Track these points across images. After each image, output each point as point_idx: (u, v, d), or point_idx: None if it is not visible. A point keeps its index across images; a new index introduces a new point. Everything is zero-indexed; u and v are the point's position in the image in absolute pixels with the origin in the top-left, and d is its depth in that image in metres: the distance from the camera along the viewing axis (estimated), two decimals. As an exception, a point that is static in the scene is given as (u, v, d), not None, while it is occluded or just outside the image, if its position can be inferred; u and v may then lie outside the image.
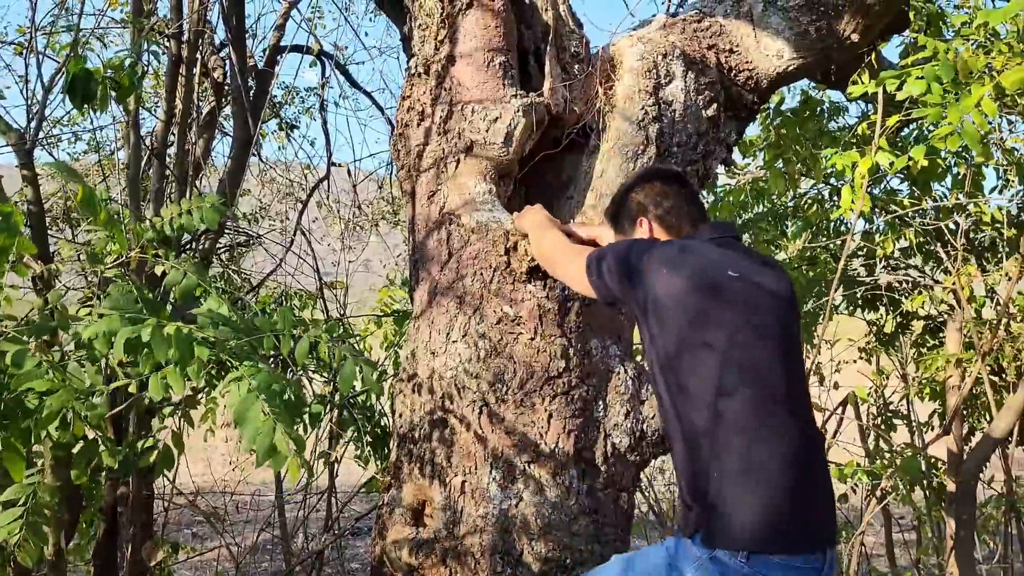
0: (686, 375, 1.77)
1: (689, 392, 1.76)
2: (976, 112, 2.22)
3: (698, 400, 1.74)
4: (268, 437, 1.45)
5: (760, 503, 1.65)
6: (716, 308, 1.78)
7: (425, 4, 2.82)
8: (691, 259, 1.85)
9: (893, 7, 2.98)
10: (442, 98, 2.79)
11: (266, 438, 1.45)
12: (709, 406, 1.72)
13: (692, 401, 1.75)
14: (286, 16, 4.41)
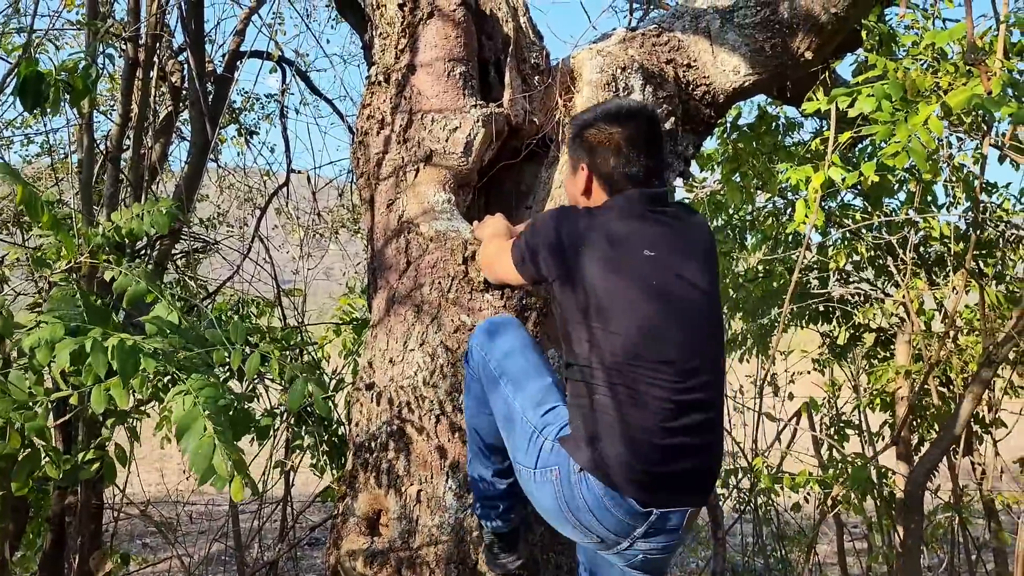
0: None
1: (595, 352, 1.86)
2: (923, 130, 2.28)
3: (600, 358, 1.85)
4: (207, 458, 1.43)
5: (626, 451, 1.80)
6: (624, 287, 1.87)
7: (386, 13, 2.82)
8: (616, 245, 1.90)
9: (846, 27, 3.05)
10: (402, 107, 2.79)
11: (205, 459, 1.43)
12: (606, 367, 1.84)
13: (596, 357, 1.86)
14: (246, 21, 4.37)
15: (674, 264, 1.91)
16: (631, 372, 1.82)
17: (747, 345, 4.69)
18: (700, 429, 1.86)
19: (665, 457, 1.82)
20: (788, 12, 3.03)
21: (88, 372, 1.66)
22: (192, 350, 1.92)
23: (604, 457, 1.82)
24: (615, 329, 1.84)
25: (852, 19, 3.00)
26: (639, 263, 1.89)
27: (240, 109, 5.06)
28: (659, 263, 1.90)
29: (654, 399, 1.82)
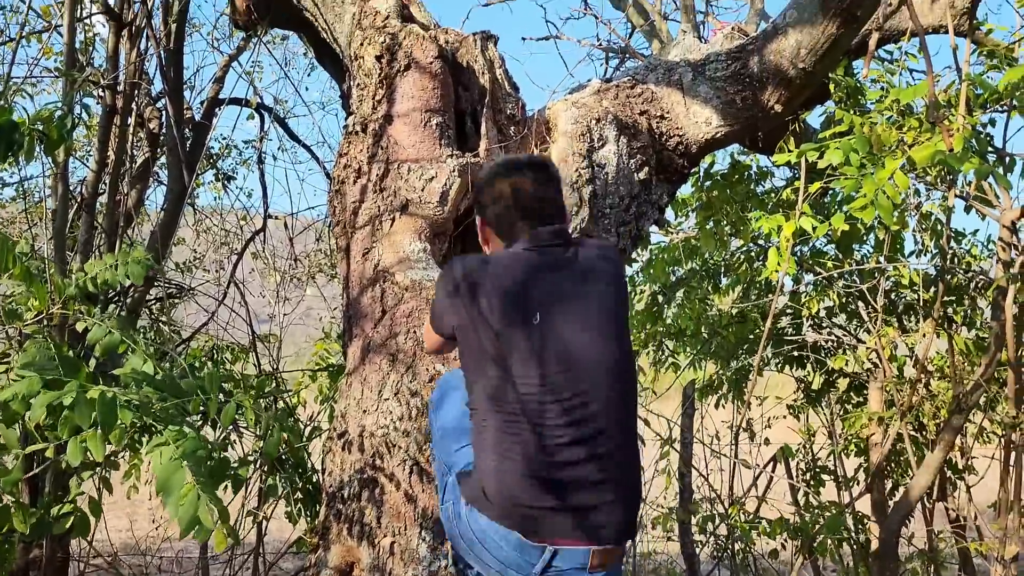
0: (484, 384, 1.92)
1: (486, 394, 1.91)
2: (889, 185, 2.33)
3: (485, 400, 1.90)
4: (192, 508, 1.42)
5: (506, 483, 1.85)
6: (513, 330, 1.89)
7: (364, 65, 2.86)
8: (485, 283, 1.94)
9: (814, 81, 3.13)
10: (379, 156, 2.82)
11: (190, 509, 1.42)
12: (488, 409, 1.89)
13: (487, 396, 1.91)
14: (226, 69, 4.40)
15: (565, 306, 1.93)
16: (515, 409, 1.86)
17: (722, 391, 4.71)
18: (593, 466, 1.85)
19: (549, 491, 1.83)
20: (758, 66, 3.11)
21: (64, 425, 1.64)
22: (167, 400, 1.90)
23: (485, 489, 1.87)
24: (503, 370, 1.88)
25: (820, 74, 3.08)
26: (528, 306, 1.91)
27: (218, 155, 5.07)
28: (549, 305, 1.92)
29: (537, 436, 1.84)
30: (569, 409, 1.86)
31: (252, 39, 4.09)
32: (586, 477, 1.85)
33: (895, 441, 3.99)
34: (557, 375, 1.87)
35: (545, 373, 1.87)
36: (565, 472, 1.84)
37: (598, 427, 1.88)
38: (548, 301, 1.93)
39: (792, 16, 3.00)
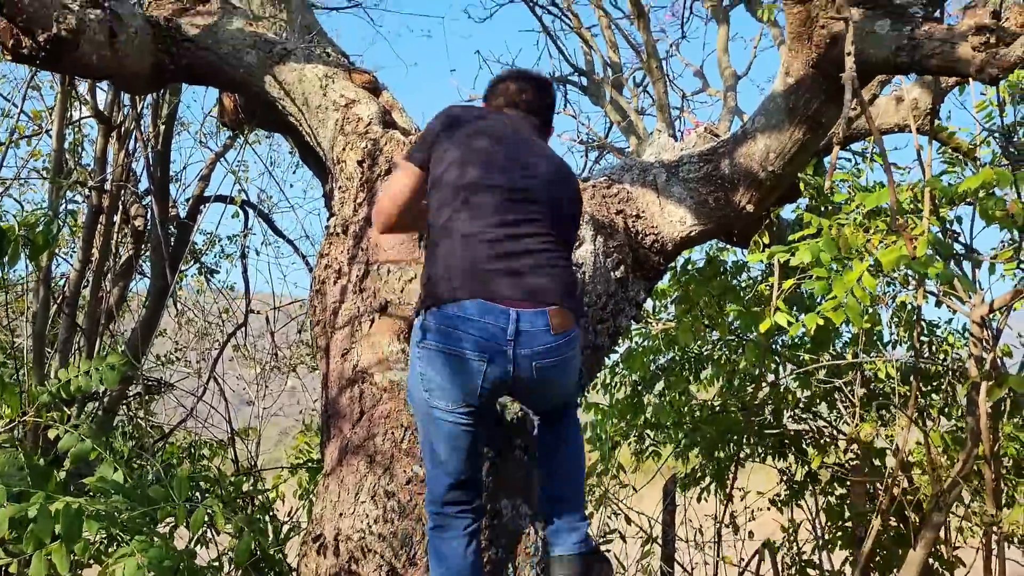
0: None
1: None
2: (857, 287, 2.39)
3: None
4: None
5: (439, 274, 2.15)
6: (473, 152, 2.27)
7: (346, 168, 2.93)
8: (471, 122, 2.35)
9: (783, 182, 3.23)
10: (359, 257, 2.86)
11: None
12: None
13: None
14: (212, 167, 4.50)
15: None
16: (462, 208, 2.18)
17: (705, 483, 4.68)
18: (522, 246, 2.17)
19: (489, 259, 2.12)
20: (729, 168, 3.21)
21: (29, 540, 1.62)
22: (136, 508, 1.89)
23: (449, 275, 2.12)
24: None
25: (789, 175, 3.18)
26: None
27: (202, 250, 5.13)
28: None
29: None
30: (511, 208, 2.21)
31: (239, 138, 4.20)
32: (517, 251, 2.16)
33: (879, 533, 3.96)
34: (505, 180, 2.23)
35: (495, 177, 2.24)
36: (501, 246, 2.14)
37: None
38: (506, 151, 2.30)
39: (760, 121, 3.11)
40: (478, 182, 2.22)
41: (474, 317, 2.08)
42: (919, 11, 2.65)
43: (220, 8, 3.27)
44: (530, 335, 2.10)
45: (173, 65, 3.10)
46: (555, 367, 2.17)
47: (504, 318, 2.08)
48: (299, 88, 3.12)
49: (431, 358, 2.13)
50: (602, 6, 5.69)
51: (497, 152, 2.28)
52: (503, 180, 2.23)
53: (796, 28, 2.84)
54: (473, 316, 2.08)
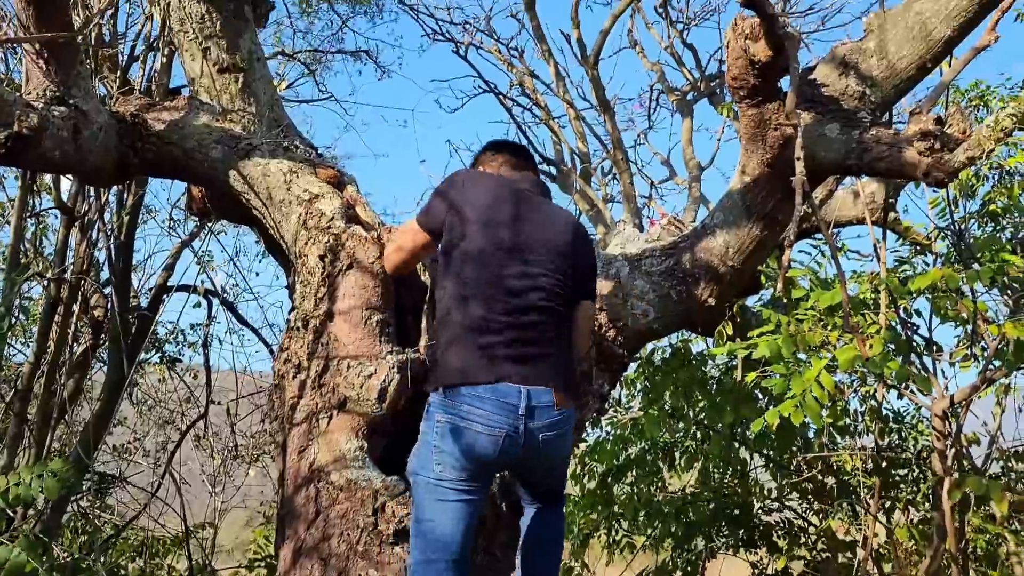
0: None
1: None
2: (815, 386, 2.39)
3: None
4: None
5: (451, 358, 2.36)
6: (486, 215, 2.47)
7: (308, 263, 2.93)
8: (479, 185, 2.56)
9: (743, 276, 3.27)
10: (319, 352, 2.83)
11: None
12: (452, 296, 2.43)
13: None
14: (177, 256, 4.49)
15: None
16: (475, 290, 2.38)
17: None
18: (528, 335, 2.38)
19: (496, 344, 2.33)
20: (690, 263, 3.25)
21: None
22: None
23: (449, 364, 2.35)
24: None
25: (749, 270, 3.22)
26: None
27: (164, 339, 5.07)
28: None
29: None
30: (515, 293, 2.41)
31: (207, 226, 4.20)
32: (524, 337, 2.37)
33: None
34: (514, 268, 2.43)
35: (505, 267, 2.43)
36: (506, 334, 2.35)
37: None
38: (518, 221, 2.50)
39: (719, 217, 3.17)
40: (486, 250, 2.42)
41: (489, 396, 2.28)
42: (867, 116, 2.74)
43: (188, 104, 3.31)
44: (539, 410, 2.32)
45: (138, 159, 3.12)
46: (558, 440, 2.39)
47: (516, 395, 2.29)
48: (263, 182, 3.14)
49: (446, 432, 2.31)
50: (569, 99, 5.84)
51: (505, 219, 2.48)
52: (510, 244, 2.45)
53: (751, 129, 2.92)
54: (488, 396, 2.28)
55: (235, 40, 3.75)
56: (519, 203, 2.54)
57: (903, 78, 2.82)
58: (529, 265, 2.45)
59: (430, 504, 2.33)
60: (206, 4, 3.69)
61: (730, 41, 2.77)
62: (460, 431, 2.29)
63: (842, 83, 2.83)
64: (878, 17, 2.84)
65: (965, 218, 3.69)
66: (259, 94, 3.79)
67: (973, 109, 4.74)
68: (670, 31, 6.18)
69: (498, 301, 2.37)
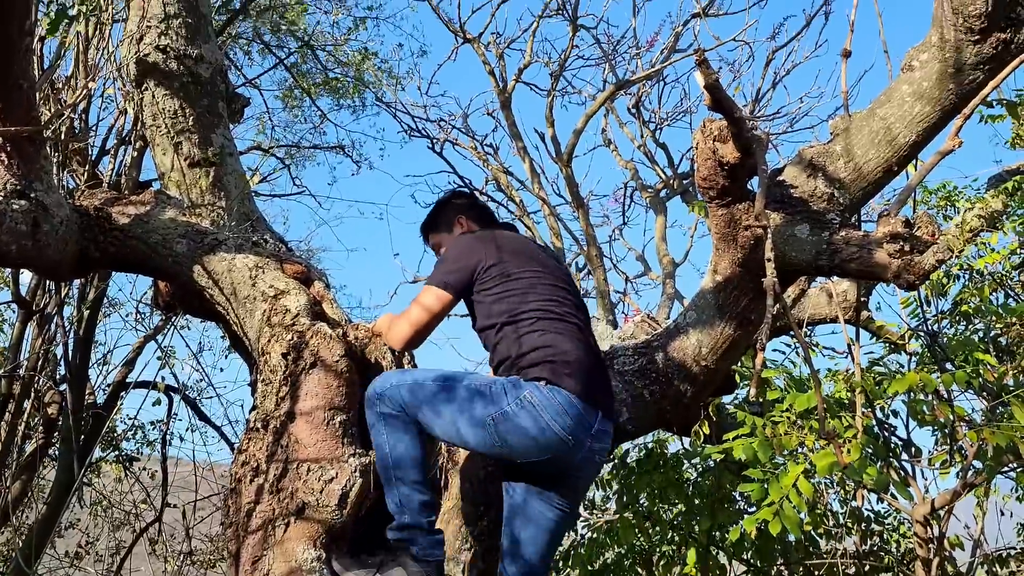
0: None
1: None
2: (793, 492, 2.31)
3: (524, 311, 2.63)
4: None
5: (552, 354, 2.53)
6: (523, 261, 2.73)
7: (270, 360, 2.84)
8: (500, 236, 2.82)
9: (717, 376, 3.21)
10: (278, 455, 2.72)
11: None
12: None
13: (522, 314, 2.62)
14: (138, 351, 4.37)
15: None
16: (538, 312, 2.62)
17: None
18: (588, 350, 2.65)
19: (588, 356, 2.61)
20: (663, 362, 3.19)
21: None
22: None
23: (567, 366, 2.49)
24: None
25: (723, 369, 3.17)
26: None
27: (121, 437, 4.88)
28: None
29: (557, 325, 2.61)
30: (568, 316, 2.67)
31: (171, 320, 4.11)
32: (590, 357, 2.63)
33: None
34: (558, 294, 2.72)
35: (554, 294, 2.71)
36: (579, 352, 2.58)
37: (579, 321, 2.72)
38: (534, 250, 2.86)
39: (692, 316, 3.14)
40: (533, 280, 2.69)
41: (578, 409, 2.45)
42: (836, 217, 2.75)
43: (154, 198, 3.27)
44: (601, 433, 2.53)
45: (99, 253, 3.06)
46: (602, 459, 2.63)
47: (594, 417, 2.49)
48: (228, 278, 3.08)
49: (529, 415, 2.42)
50: (544, 196, 5.90)
51: (529, 255, 2.78)
52: (549, 275, 2.74)
53: (721, 229, 2.92)
54: (578, 408, 2.45)
55: (207, 135, 3.76)
56: (526, 245, 2.87)
57: (870, 181, 2.85)
58: (567, 293, 2.75)
59: (471, 411, 2.46)
60: (179, 99, 3.70)
61: (699, 143, 2.80)
62: (538, 421, 2.41)
63: (811, 184, 2.85)
64: (844, 120, 2.89)
65: (938, 318, 3.69)
66: (230, 188, 3.77)
67: (941, 210, 4.82)
68: (643, 130, 6.31)
69: (569, 313, 2.67)
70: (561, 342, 2.54)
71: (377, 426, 2.59)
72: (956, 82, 2.55)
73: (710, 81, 2.48)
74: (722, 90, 2.52)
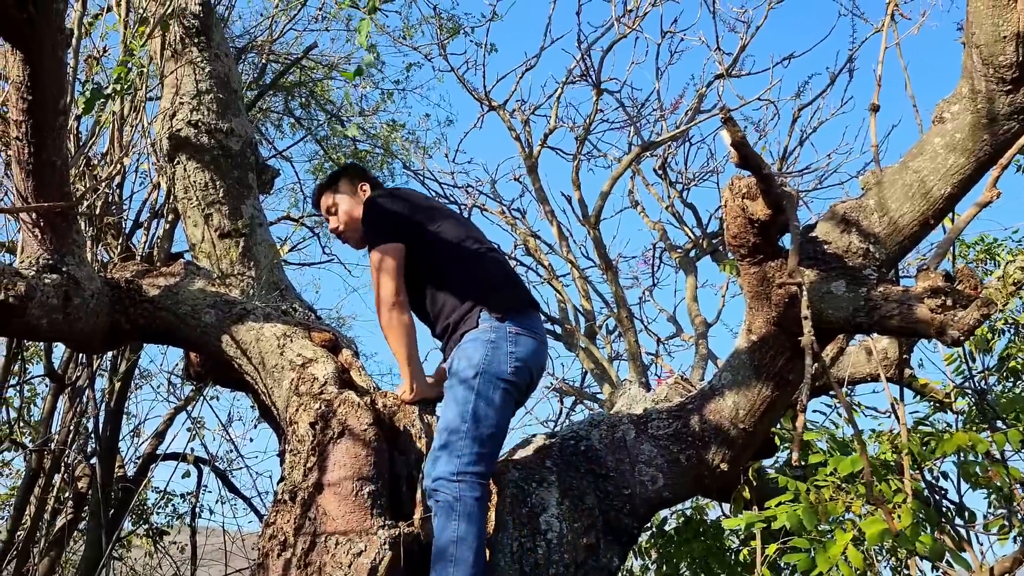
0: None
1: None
2: (842, 562, 2.19)
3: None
4: None
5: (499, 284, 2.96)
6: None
7: (298, 430, 2.80)
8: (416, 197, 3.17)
9: (755, 439, 3.11)
10: (306, 528, 2.65)
11: None
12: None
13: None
14: (169, 423, 4.36)
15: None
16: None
17: None
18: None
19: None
20: (699, 425, 3.10)
21: None
22: None
23: (502, 292, 2.92)
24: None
25: (761, 432, 3.07)
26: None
27: (150, 510, 4.83)
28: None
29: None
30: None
31: (203, 391, 4.11)
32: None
33: None
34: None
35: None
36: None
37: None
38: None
39: (727, 377, 3.05)
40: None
41: (540, 322, 2.96)
42: (872, 273, 2.68)
43: (183, 269, 3.29)
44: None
45: (130, 325, 3.07)
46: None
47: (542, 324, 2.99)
48: (256, 347, 3.06)
49: (518, 340, 2.79)
50: (572, 258, 5.87)
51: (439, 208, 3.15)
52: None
53: (754, 288, 2.86)
54: (539, 321, 2.95)
55: (237, 206, 3.81)
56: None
57: (906, 235, 2.78)
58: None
59: (502, 402, 2.73)
60: (210, 172, 3.77)
61: (727, 201, 2.76)
62: (530, 341, 2.81)
63: (845, 240, 2.79)
64: (875, 174, 2.84)
65: (984, 374, 3.56)
66: (259, 258, 3.80)
67: (980, 263, 4.71)
68: (670, 191, 6.30)
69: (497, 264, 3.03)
70: (495, 267, 3.02)
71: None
72: (990, 132, 2.49)
73: (736, 138, 2.46)
74: (749, 147, 2.49)
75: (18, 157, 2.62)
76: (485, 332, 2.78)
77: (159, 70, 3.87)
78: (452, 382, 2.77)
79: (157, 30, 3.46)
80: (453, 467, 2.60)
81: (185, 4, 3.74)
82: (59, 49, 2.55)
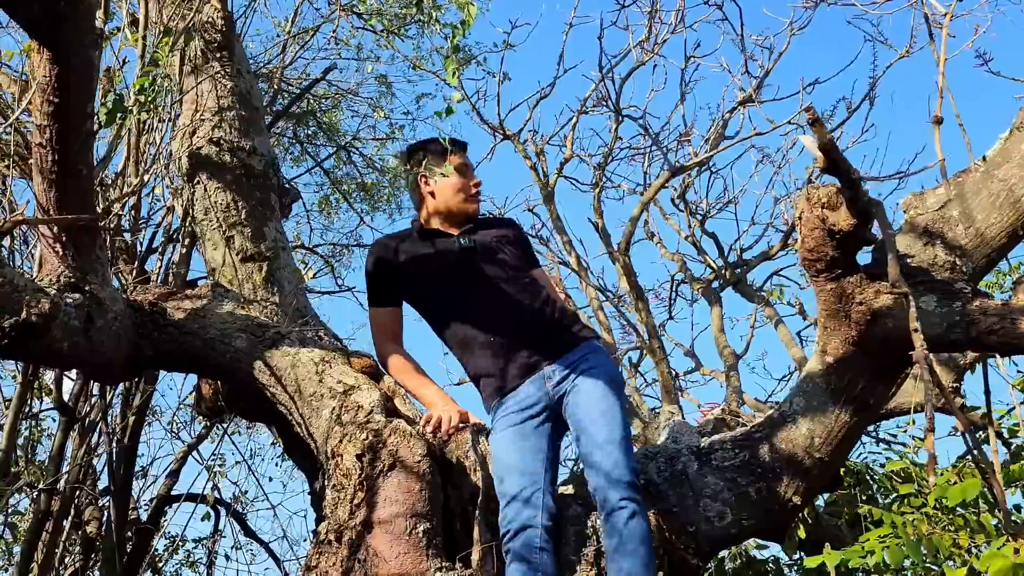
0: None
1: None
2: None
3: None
4: None
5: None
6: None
7: (343, 464, 2.56)
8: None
9: (830, 470, 2.90)
10: (355, 571, 2.40)
11: None
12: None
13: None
14: (182, 461, 4.08)
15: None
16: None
17: None
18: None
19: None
20: (769, 455, 2.89)
21: None
22: None
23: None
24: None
25: (838, 462, 2.86)
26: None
27: (164, 557, 4.50)
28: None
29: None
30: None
31: (216, 427, 3.84)
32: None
33: None
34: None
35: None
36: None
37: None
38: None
39: (800, 403, 2.85)
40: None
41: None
42: (966, 287, 2.50)
43: (211, 291, 3.06)
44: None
45: (153, 351, 2.82)
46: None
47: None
48: (292, 374, 2.82)
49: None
50: (593, 289, 5.69)
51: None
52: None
53: (831, 306, 2.68)
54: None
55: (260, 228, 3.59)
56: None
57: (994, 247, 2.62)
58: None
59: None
60: (232, 192, 3.56)
61: (804, 212, 2.59)
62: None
63: (929, 253, 2.62)
64: (956, 186, 2.68)
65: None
66: (283, 283, 3.57)
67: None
68: (690, 221, 6.15)
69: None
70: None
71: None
72: (1089, 133, 2.34)
73: (825, 141, 2.29)
74: (838, 150, 2.33)
75: (40, 165, 2.41)
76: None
77: (178, 86, 3.67)
78: (609, 388, 2.66)
79: (180, 42, 3.27)
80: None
81: (209, 17, 3.56)
82: (89, 48, 2.36)
